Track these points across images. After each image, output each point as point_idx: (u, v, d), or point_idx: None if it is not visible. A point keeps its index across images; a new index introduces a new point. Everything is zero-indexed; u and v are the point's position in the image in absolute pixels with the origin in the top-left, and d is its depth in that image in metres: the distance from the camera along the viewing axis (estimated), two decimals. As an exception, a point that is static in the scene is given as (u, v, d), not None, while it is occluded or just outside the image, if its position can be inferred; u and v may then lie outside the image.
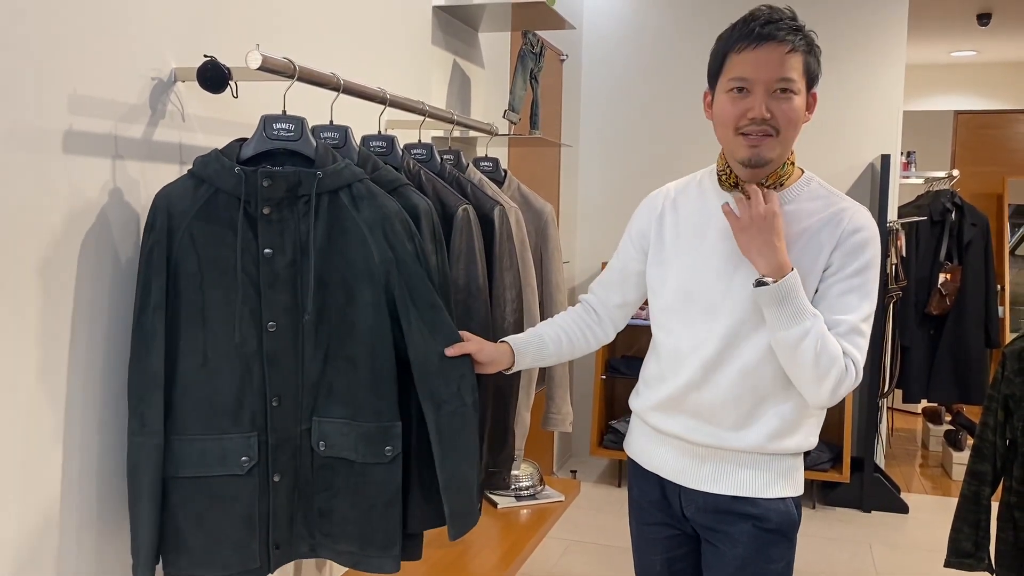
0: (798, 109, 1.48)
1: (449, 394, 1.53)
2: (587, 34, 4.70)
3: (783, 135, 1.48)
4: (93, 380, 1.42)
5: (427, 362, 1.52)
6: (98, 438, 1.44)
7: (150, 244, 1.42)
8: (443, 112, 2.17)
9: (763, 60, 1.45)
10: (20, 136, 1.26)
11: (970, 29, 5.56)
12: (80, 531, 1.42)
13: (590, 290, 1.82)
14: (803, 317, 1.44)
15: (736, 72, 1.48)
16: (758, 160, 1.49)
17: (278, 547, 1.54)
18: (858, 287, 1.49)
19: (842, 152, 4.40)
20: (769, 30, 1.45)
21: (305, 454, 1.54)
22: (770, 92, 1.46)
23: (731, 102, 1.49)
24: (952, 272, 4.58)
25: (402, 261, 1.49)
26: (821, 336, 1.44)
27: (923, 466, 4.94)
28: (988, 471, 2.33)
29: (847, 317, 1.48)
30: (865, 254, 1.50)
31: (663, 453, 1.66)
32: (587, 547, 3.62)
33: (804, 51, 1.48)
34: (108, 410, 1.46)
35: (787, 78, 1.45)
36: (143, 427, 1.42)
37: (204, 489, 1.47)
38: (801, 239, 1.52)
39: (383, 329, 1.50)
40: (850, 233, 1.50)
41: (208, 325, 1.46)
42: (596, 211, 4.76)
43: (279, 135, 1.52)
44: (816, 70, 1.52)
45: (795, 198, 1.55)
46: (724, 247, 1.56)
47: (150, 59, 1.50)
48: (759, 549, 1.57)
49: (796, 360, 1.46)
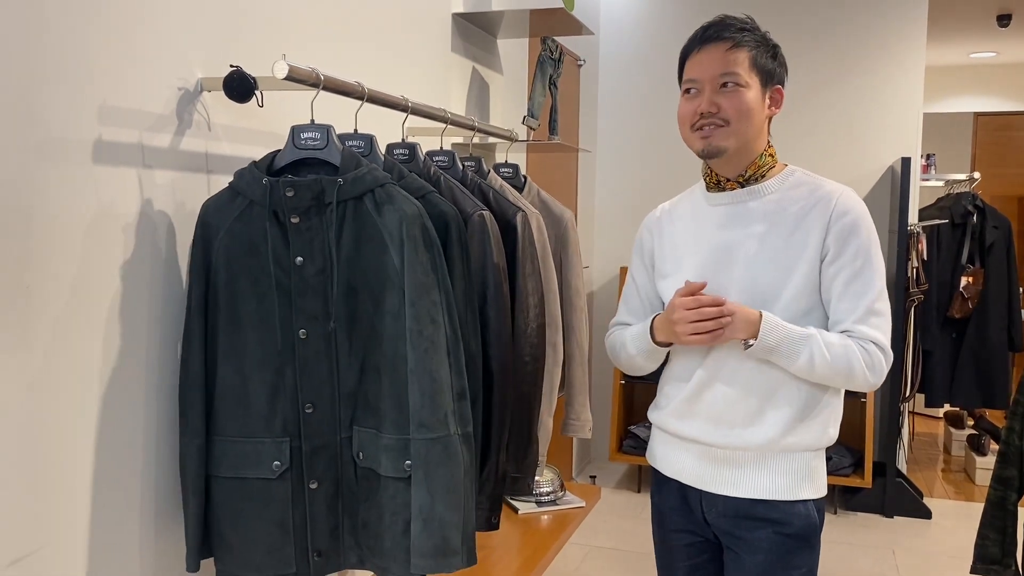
0: (749, 101, 1.54)
1: (435, 419, 1.44)
2: (604, 39, 4.70)
3: (734, 126, 1.54)
4: (143, 382, 1.47)
5: (418, 379, 1.46)
6: (170, 438, 1.55)
7: (192, 252, 1.51)
8: (464, 119, 2.18)
9: (707, 59, 1.56)
10: (50, 147, 1.27)
11: (990, 30, 5.52)
12: (157, 520, 1.53)
13: (618, 322, 1.81)
14: (801, 344, 1.51)
15: (688, 75, 1.59)
16: (711, 149, 1.56)
17: (319, 555, 1.55)
18: (862, 269, 1.53)
19: (862, 155, 4.38)
20: (713, 32, 1.56)
21: (348, 463, 1.55)
22: (716, 88, 1.55)
23: (685, 102, 1.60)
24: (974, 275, 4.54)
25: (409, 269, 1.45)
26: (826, 346, 1.50)
27: (945, 471, 4.90)
28: (1015, 476, 2.31)
29: (860, 303, 1.52)
30: (860, 235, 1.54)
31: (683, 459, 1.66)
32: (607, 553, 3.61)
33: (751, 47, 1.55)
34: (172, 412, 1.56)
35: (729, 72, 1.54)
36: (187, 427, 1.50)
37: (240, 490, 1.50)
38: (789, 224, 1.56)
39: (404, 338, 1.49)
40: (839, 216, 1.54)
41: (242, 331, 1.49)
42: (614, 216, 4.75)
43: (307, 144, 1.54)
44: (771, 66, 1.58)
45: (778, 188, 1.60)
46: (719, 247, 1.60)
47: (177, 69, 1.52)
48: (780, 556, 1.57)
49: (822, 376, 1.53)
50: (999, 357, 4.57)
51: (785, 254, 1.55)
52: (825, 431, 1.59)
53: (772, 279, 1.55)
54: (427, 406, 1.44)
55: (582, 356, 2.40)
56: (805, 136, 4.42)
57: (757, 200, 1.59)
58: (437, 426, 1.44)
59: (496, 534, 2.43)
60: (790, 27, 4.40)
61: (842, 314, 1.53)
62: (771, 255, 1.55)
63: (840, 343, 1.51)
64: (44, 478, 1.30)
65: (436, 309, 1.46)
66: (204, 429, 1.50)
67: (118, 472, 1.44)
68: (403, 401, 1.48)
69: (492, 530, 1.79)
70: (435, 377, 1.44)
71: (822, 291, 1.55)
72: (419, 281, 1.45)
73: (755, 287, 1.56)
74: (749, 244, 1.57)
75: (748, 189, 1.60)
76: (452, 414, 1.46)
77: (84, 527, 1.38)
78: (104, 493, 1.41)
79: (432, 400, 1.44)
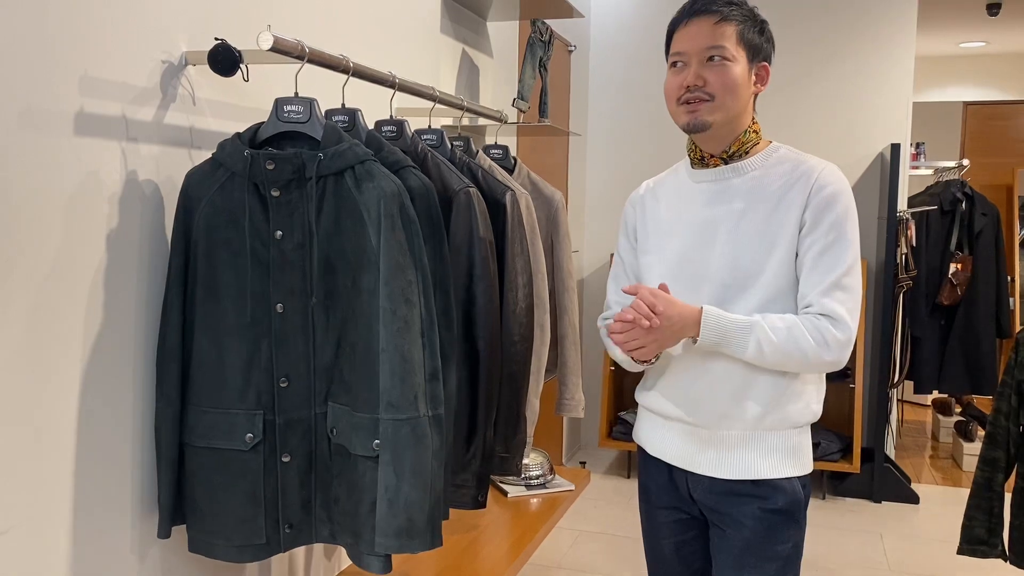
0: (735, 76, 1.54)
1: (404, 400, 1.42)
2: (595, 24, 4.68)
3: (719, 100, 1.53)
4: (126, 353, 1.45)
5: (389, 359, 1.44)
6: (146, 407, 1.54)
7: (174, 223, 1.50)
8: (453, 98, 2.16)
9: (694, 32, 1.54)
10: (32, 117, 1.26)
11: (979, 19, 5.53)
12: (141, 490, 1.53)
13: (612, 302, 1.77)
14: (745, 333, 1.50)
15: (674, 48, 1.58)
16: (696, 124, 1.55)
17: (291, 527, 1.55)
18: (834, 242, 1.52)
19: (852, 142, 4.39)
20: (701, 5, 1.55)
21: (322, 438, 1.54)
22: (702, 61, 1.53)
23: (672, 76, 1.59)
24: (963, 262, 4.55)
25: (385, 248, 1.43)
26: (772, 330, 1.50)
27: (933, 457, 4.93)
28: (1001, 457, 2.32)
29: (827, 277, 1.51)
30: (836, 207, 1.53)
31: (668, 438, 1.66)
32: (597, 537, 3.62)
33: (738, 21, 1.54)
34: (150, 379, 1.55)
35: (717, 46, 1.53)
36: (162, 395, 1.50)
37: (213, 460, 1.50)
38: (771, 201, 1.56)
39: (378, 317, 1.46)
40: (819, 189, 1.54)
41: (220, 303, 1.49)
42: (604, 201, 4.75)
43: (289, 117, 1.52)
44: (758, 42, 1.57)
45: (762, 164, 1.60)
46: (702, 224, 1.60)
47: (161, 42, 1.50)
48: (766, 531, 1.57)
49: (775, 362, 1.52)
50: (987, 344, 4.59)
51: (767, 231, 1.54)
52: (808, 407, 1.59)
53: (754, 256, 1.54)
54: (397, 386, 1.42)
55: (575, 336, 2.40)
56: (795, 122, 4.42)
57: (740, 177, 1.59)
58: (406, 407, 1.42)
59: (485, 516, 2.43)
60: (782, 14, 4.39)
61: (809, 287, 1.52)
62: (753, 232, 1.55)
63: (784, 325, 1.50)
64: (26, 449, 1.28)
65: (411, 289, 1.44)
66: (180, 398, 1.50)
67: (102, 443, 1.43)
68: (376, 380, 1.46)
69: (479, 508, 1.79)
70: (407, 357, 1.43)
71: (797, 263, 1.54)
72: (395, 260, 1.43)
73: (737, 264, 1.55)
74: (731, 221, 1.57)
75: (732, 166, 1.59)
76: (423, 395, 1.44)
77: (67, 498, 1.37)
78: (86, 465, 1.40)
79: (402, 380, 1.42)
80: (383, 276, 1.43)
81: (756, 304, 1.54)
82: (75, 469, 1.38)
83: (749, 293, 1.55)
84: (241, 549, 1.52)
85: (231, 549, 1.52)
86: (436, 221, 1.54)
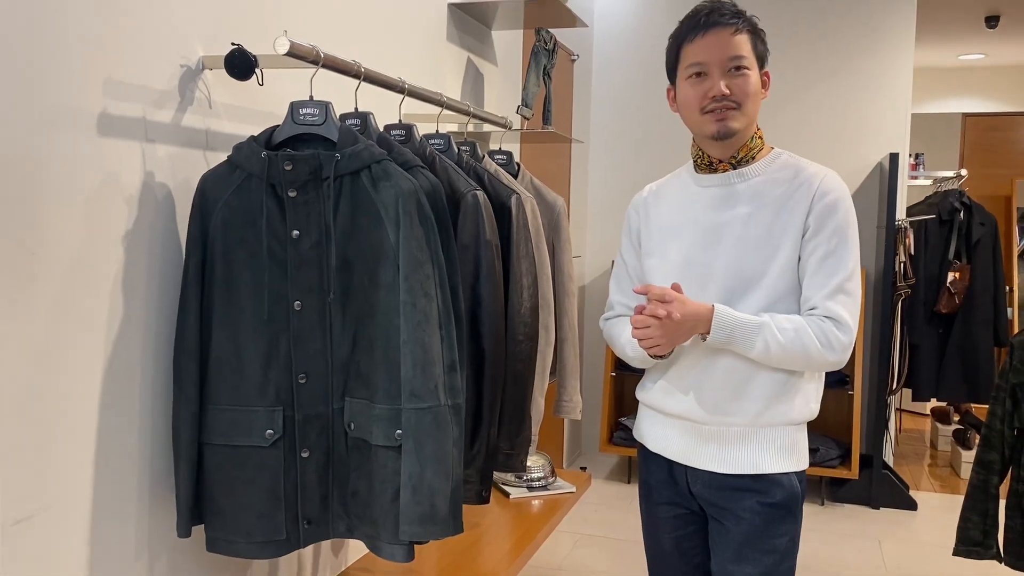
0: (754, 84, 1.61)
1: (425, 390, 1.47)
2: (598, 33, 4.74)
3: (744, 108, 1.60)
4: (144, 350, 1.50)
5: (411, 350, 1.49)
6: (169, 406, 1.56)
7: (190, 224, 1.53)
8: (459, 104, 2.21)
9: (713, 43, 1.59)
10: (56, 117, 1.30)
11: (978, 32, 5.59)
12: (154, 487, 1.56)
13: (615, 302, 1.82)
14: (754, 333, 1.55)
15: (692, 59, 1.61)
16: (726, 131, 1.60)
17: (309, 523, 1.57)
18: (837, 247, 1.57)
19: (851, 152, 4.43)
20: (714, 18, 1.60)
21: (339, 434, 1.57)
22: (725, 71, 1.59)
23: (692, 86, 1.62)
24: (961, 271, 4.59)
25: (404, 244, 1.48)
26: (779, 331, 1.54)
27: (932, 465, 4.95)
28: (996, 460, 2.35)
29: (830, 281, 1.56)
30: (839, 213, 1.58)
31: (668, 435, 1.70)
32: (597, 540, 3.65)
33: (749, 31, 1.61)
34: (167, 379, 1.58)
35: (738, 55, 1.59)
36: (181, 394, 1.52)
37: (233, 457, 1.53)
38: (774, 206, 1.60)
39: (397, 311, 1.51)
40: (822, 195, 1.59)
41: (238, 302, 1.52)
42: (606, 208, 4.79)
43: (305, 120, 1.57)
44: (763, 50, 1.64)
45: (765, 170, 1.64)
46: (707, 227, 1.64)
47: (179, 47, 1.55)
48: (764, 524, 1.61)
49: (779, 360, 1.57)
50: (985, 352, 4.62)
51: (770, 235, 1.59)
52: (807, 405, 1.63)
53: (757, 260, 1.59)
54: (418, 376, 1.47)
55: (574, 340, 2.44)
56: (796, 132, 4.47)
57: (744, 182, 1.64)
58: (428, 396, 1.47)
59: (487, 517, 2.46)
60: (784, 27, 4.44)
61: (812, 290, 1.57)
62: (756, 236, 1.60)
63: (792, 326, 1.55)
64: (47, 442, 1.32)
65: (429, 283, 1.50)
66: (198, 397, 1.52)
67: (118, 438, 1.47)
68: (396, 372, 1.50)
69: (482, 504, 1.82)
70: (427, 349, 1.48)
71: (799, 267, 1.59)
72: (414, 256, 1.48)
73: (741, 268, 1.60)
74: (735, 225, 1.61)
75: (738, 171, 1.64)
76: (443, 385, 1.49)
77: (86, 490, 1.40)
78: (105, 458, 1.44)
79: (423, 371, 1.47)
80: (403, 271, 1.47)
81: (759, 306, 1.59)
82: (95, 460, 1.41)
83: (752, 295, 1.59)
84: (262, 546, 1.54)
85: (252, 546, 1.54)
86: (444, 220, 1.59)
